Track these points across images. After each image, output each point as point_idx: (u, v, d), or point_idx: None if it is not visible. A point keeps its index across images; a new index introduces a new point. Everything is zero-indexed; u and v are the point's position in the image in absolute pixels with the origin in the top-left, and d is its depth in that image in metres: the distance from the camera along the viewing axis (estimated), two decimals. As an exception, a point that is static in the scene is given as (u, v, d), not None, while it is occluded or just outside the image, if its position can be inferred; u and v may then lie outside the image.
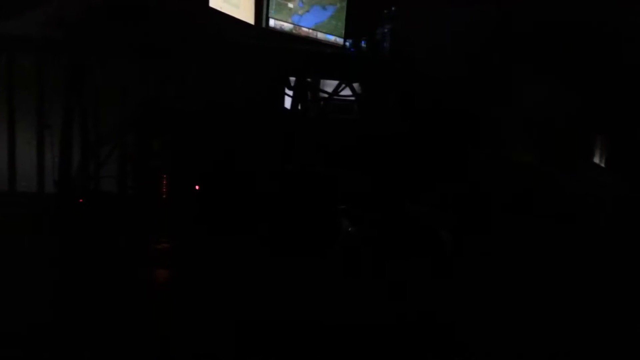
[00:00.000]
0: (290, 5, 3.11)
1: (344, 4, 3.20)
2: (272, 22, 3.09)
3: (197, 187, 2.77)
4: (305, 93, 3.21)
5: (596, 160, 3.17)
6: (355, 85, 3.33)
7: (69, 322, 2.00)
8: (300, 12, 3.14)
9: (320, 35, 3.20)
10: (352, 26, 3.18)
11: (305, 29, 3.18)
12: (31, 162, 2.72)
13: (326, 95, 3.33)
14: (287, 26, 3.13)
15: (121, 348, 1.88)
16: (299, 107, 3.18)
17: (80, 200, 2.64)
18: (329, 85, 3.41)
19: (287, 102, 3.24)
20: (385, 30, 3.15)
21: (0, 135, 2.78)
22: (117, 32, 2.62)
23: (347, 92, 3.32)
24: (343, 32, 3.18)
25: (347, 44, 3.21)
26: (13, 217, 2.59)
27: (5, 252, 2.39)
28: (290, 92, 3.17)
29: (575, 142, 3.22)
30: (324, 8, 3.18)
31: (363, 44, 3.23)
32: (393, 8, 3.15)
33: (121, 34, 2.63)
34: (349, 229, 2.65)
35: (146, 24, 2.65)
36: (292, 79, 3.15)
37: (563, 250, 2.71)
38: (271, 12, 3.06)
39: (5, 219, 2.57)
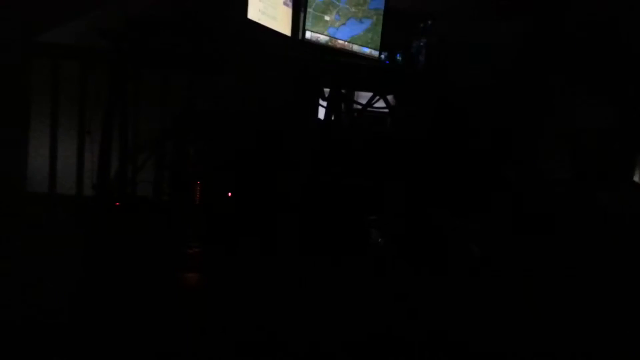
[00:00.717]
0: (327, 17, 3.14)
1: (380, 17, 3.22)
2: (308, 34, 3.12)
3: (229, 194, 2.80)
4: (339, 104, 3.22)
5: (636, 178, 3.09)
6: (389, 97, 3.33)
7: (99, 321, 2.04)
8: (336, 24, 3.18)
9: (356, 48, 3.22)
10: (388, 39, 3.19)
11: (341, 41, 3.20)
12: (71, 166, 2.82)
13: (360, 107, 3.34)
14: (323, 38, 3.16)
15: (147, 347, 1.91)
16: (333, 118, 3.20)
17: (117, 204, 2.70)
18: (363, 97, 3.42)
19: (321, 113, 3.27)
20: (421, 43, 3.15)
21: (42, 140, 2.89)
22: (158, 43, 2.69)
23: (380, 104, 3.32)
24: (379, 44, 3.19)
25: (383, 56, 3.22)
26: (52, 218, 2.67)
27: (43, 252, 2.46)
28: (324, 103, 3.19)
29: (615, 159, 3.14)
30: (360, 21, 3.20)
31: (398, 57, 3.23)
32: (429, 22, 3.15)
33: (161, 45, 2.70)
34: (379, 240, 2.63)
35: (186, 35, 2.71)
36: (327, 90, 3.18)
37: (597, 267, 2.64)
38: (307, 24, 3.10)
39: (45, 219, 2.65)
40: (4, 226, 2.53)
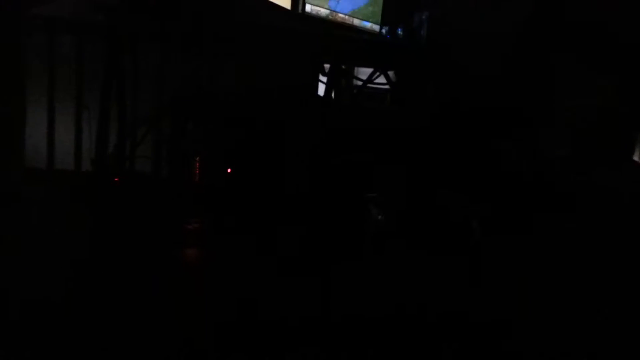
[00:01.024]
0: (327, -10, 3.09)
1: (382, -10, 3.16)
2: (308, 7, 3.07)
3: (229, 170, 2.79)
4: (340, 80, 3.19)
5: (636, 157, 3.07)
6: (390, 73, 3.29)
7: (98, 297, 2.05)
8: (337, -3, 3.13)
9: (357, 22, 3.17)
10: (389, 13, 3.14)
11: (341, 15, 3.15)
12: (69, 142, 2.80)
13: (360, 83, 3.31)
14: (323, 12, 3.11)
15: (145, 324, 1.92)
16: (332, 95, 3.17)
17: (116, 180, 2.69)
18: (363, 73, 3.38)
19: (321, 89, 3.23)
20: (423, 17, 3.10)
21: (40, 115, 2.86)
22: (154, 17, 2.65)
23: (381, 80, 3.29)
24: (380, 18, 3.14)
25: (384, 31, 3.17)
26: (51, 194, 2.66)
27: (43, 227, 2.46)
28: (324, 79, 3.16)
29: (617, 137, 3.12)
30: (361, -6, 3.15)
31: (400, 32, 3.18)
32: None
33: (158, 18, 2.66)
34: (379, 217, 2.63)
35: (182, 8, 2.67)
36: (327, 65, 3.14)
37: (600, 246, 2.64)
38: (308, -4, 3.05)
39: (44, 195, 2.64)
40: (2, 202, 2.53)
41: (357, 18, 3.17)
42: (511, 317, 2.16)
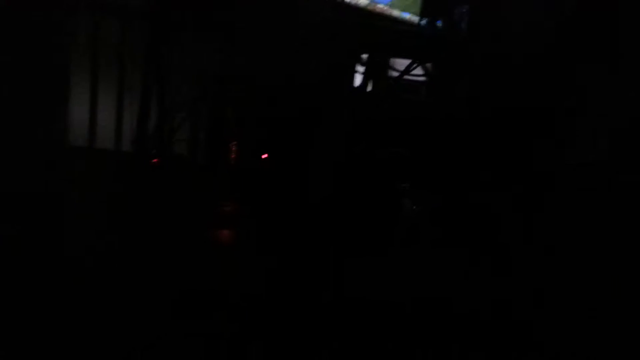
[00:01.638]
0: (368, -20, 3.09)
1: (423, -19, 3.14)
2: (348, -3, 3.07)
3: (264, 156, 2.82)
4: (377, 71, 3.18)
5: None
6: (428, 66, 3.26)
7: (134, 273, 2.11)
8: (377, -12, 3.12)
9: (396, 13, 3.16)
10: (429, 4, 3.11)
11: (380, 5, 3.14)
12: (111, 122, 2.87)
13: (397, 74, 3.29)
14: (362, 2, 3.11)
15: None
16: (369, 85, 3.16)
17: (155, 160, 2.74)
18: (400, 65, 3.36)
19: (357, 80, 3.23)
20: (463, 10, 3.07)
21: (83, 96, 2.93)
22: (196, 6, 2.69)
23: (418, 72, 3.26)
24: (419, 10, 3.13)
25: (423, 22, 3.15)
26: (92, 173, 2.73)
27: (82, 204, 2.53)
28: (361, 69, 3.15)
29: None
30: (401, -15, 3.14)
31: (439, 24, 3.16)
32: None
33: (200, 7, 2.69)
34: (413, 207, 2.63)
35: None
36: (365, 56, 3.13)
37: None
38: (348, -14, 3.04)
39: (85, 173, 2.71)
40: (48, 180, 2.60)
41: (397, 9, 3.16)
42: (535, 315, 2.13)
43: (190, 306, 1.97)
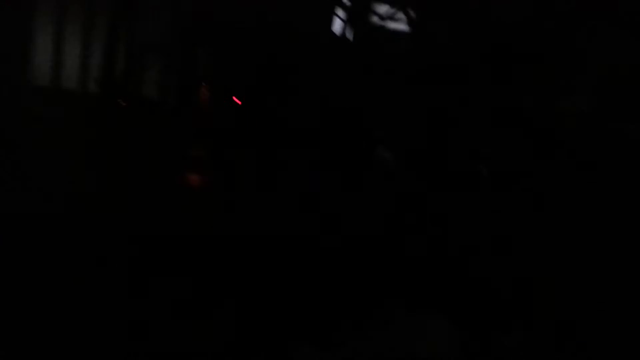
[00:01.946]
0: None
1: None
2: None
3: (236, 100, 2.73)
4: (360, 17, 3.06)
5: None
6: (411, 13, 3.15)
7: (99, 216, 2.06)
8: None
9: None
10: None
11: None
12: (76, 62, 2.75)
13: (379, 21, 3.18)
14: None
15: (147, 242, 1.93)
16: (351, 32, 3.05)
17: (123, 103, 2.65)
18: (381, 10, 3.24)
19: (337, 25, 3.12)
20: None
21: (47, 35, 2.81)
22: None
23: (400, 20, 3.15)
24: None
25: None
26: (57, 114, 2.64)
27: (48, 146, 2.45)
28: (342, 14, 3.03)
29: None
30: None
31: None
32: None
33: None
34: (385, 155, 2.58)
35: None
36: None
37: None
38: None
39: (50, 115, 2.62)
40: (8, 119, 2.52)
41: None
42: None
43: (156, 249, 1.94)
